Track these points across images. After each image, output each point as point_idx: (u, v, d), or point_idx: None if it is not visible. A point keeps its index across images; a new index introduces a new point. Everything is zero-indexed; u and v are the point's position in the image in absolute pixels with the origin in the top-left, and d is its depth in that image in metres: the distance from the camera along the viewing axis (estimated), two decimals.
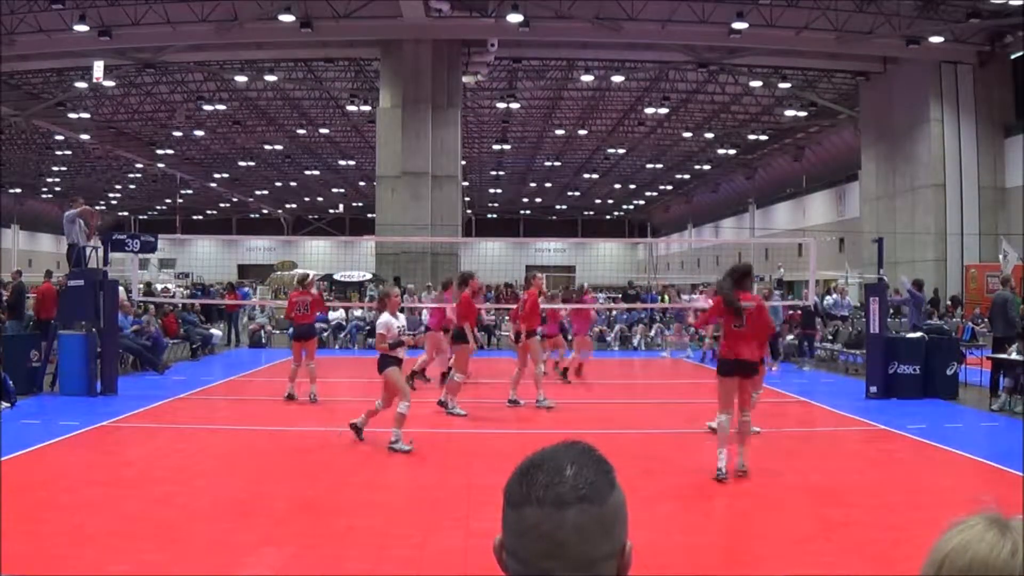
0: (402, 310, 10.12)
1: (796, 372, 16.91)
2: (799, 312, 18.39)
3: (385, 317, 8.77)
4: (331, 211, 69.43)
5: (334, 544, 5.61)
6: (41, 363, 12.84)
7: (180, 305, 21.58)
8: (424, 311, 22.62)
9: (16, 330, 15.16)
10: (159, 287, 28.57)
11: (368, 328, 22.42)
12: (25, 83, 32.43)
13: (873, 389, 12.77)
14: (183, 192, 56.59)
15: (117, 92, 34.16)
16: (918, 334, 13.61)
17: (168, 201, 61.11)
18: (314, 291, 14.10)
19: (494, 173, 57.07)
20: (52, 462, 8.16)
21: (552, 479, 1.13)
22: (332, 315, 22.44)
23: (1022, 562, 1.06)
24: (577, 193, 65.37)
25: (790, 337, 18.71)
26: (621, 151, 47.98)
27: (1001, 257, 23.33)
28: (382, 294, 9.31)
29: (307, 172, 54.62)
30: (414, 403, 9.14)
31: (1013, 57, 26.66)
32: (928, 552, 1.14)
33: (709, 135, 42.99)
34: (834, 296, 20.29)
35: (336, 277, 30.72)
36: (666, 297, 25.60)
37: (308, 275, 14.62)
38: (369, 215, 46.66)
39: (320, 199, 66.43)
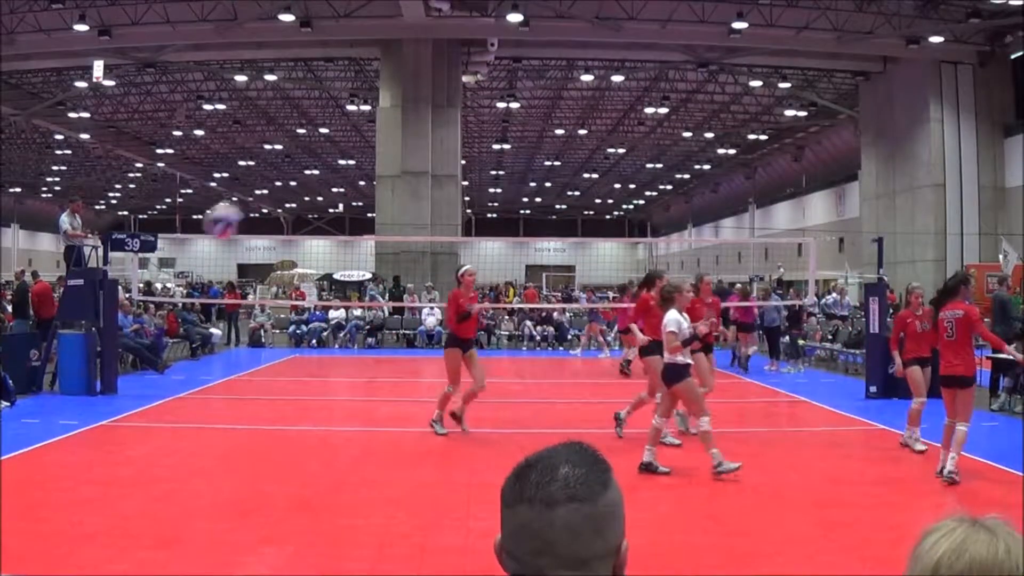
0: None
1: (791, 372, 16.85)
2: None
3: (673, 315, 7.69)
4: (331, 210, 69.44)
5: (333, 543, 5.61)
6: (41, 362, 12.83)
7: (180, 304, 21.60)
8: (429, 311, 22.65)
9: (22, 329, 15.16)
10: (159, 286, 28.58)
11: (368, 327, 22.39)
12: (25, 82, 32.41)
13: (873, 389, 12.77)
14: (183, 191, 56.57)
15: (117, 91, 34.15)
16: None
17: (168, 200, 61.10)
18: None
19: (494, 173, 57.07)
20: (52, 461, 8.15)
21: (543, 478, 1.14)
22: (332, 314, 22.45)
23: (1021, 558, 1.07)
24: (577, 193, 65.37)
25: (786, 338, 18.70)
26: (621, 151, 48.00)
27: (1001, 257, 23.32)
28: (670, 289, 8.00)
29: (307, 172, 54.61)
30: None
31: (1013, 57, 26.65)
32: (909, 561, 1.14)
33: (709, 135, 42.99)
34: (834, 296, 20.29)
35: (336, 277, 30.74)
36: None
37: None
38: (369, 215, 46.70)
39: (320, 199, 66.42)
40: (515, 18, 23.01)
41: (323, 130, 42.55)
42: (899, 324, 9.05)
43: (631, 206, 71.64)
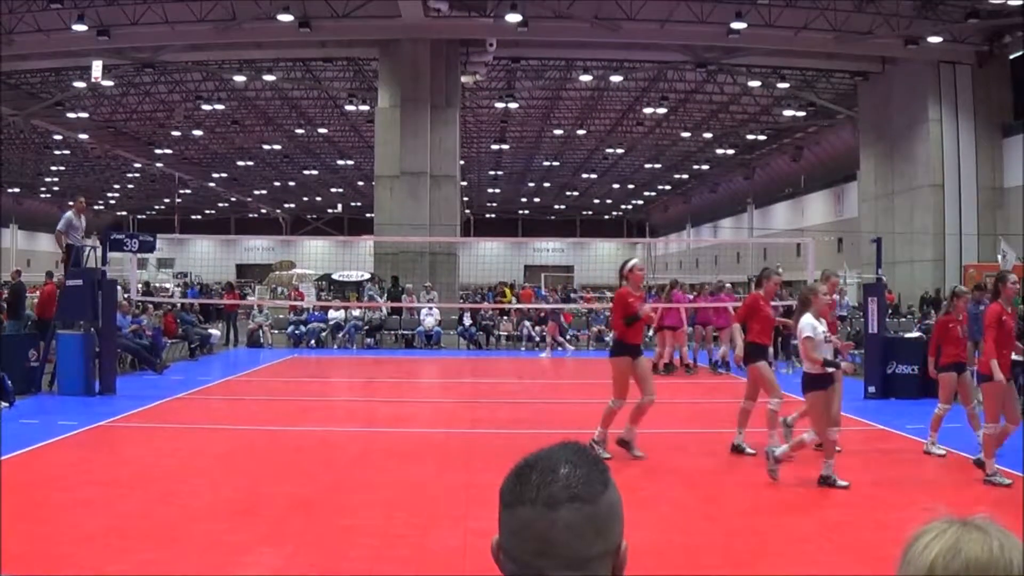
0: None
1: (788, 372, 16.81)
2: None
3: (808, 319, 7.18)
4: (329, 211, 69.43)
5: (332, 543, 5.61)
6: (39, 363, 12.82)
7: (178, 305, 21.57)
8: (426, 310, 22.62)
9: (15, 330, 15.14)
10: (156, 286, 28.55)
11: (367, 328, 22.36)
12: (24, 83, 32.39)
13: (871, 389, 12.78)
14: (181, 192, 56.58)
15: (115, 92, 34.15)
16: (916, 334, 13.63)
17: (166, 201, 61.09)
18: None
19: (493, 173, 57.08)
20: (51, 462, 8.14)
21: (544, 478, 1.13)
22: (331, 314, 22.43)
23: (1015, 555, 1.07)
24: (576, 193, 65.40)
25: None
26: (620, 151, 48.02)
27: (1000, 257, 23.34)
28: (808, 292, 7.48)
29: (305, 172, 54.62)
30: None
31: (1012, 57, 26.67)
32: (900, 565, 1.14)
33: (708, 135, 43.02)
34: (832, 296, 20.28)
35: (334, 277, 30.73)
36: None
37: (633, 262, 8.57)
38: (367, 215, 46.68)
39: (318, 199, 66.42)
40: (514, 18, 23.02)
41: (322, 130, 42.54)
42: (940, 329, 8.86)
43: (630, 206, 71.68)
